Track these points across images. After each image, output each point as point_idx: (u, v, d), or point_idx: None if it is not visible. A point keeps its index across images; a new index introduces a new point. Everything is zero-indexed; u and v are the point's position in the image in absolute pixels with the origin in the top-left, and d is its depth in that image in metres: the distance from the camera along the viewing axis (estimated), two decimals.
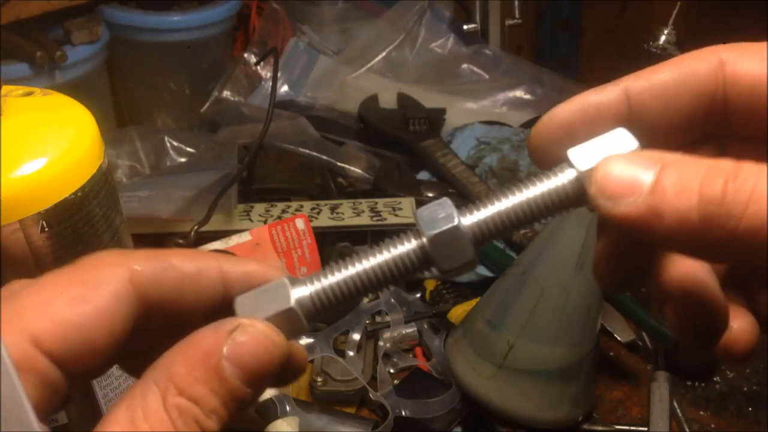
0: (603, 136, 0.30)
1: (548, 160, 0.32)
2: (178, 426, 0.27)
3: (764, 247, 0.25)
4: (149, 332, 0.32)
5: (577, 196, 0.30)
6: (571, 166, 0.30)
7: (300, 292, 0.31)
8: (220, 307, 0.33)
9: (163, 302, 0.32)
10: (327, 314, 0.32)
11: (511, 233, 0.32)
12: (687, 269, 0.32)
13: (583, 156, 0.30)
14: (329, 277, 0.32)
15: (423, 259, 0.31)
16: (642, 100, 0.31)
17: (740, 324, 0.31)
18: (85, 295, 0.29)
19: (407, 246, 0.31)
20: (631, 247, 0.33)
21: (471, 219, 0.31)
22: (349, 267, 0.32)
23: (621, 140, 0.30)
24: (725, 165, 0.26)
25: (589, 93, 0.33)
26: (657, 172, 0.27)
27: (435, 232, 0.31)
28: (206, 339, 0.29)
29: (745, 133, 0.31)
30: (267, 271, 0.33)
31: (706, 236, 0.26)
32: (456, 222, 0.30)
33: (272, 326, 0.30)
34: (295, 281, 0.32)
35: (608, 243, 0.33)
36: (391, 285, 0.32)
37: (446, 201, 0.31)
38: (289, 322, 0.31)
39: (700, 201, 0.25)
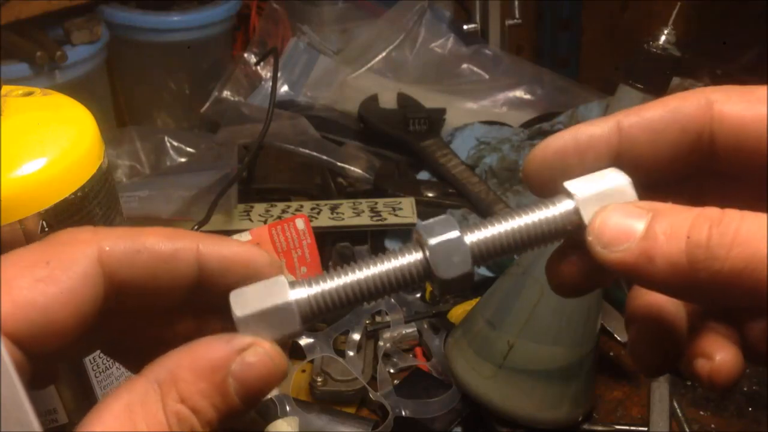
0: (606, 177, 0.32)
1: (542, 186, 0.35)
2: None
3: (748, 287, 0.27)
4: (124, 312, 0.32)
5: (573, 231, 0.32)
6: (572, 201, 0.32)
7: (298, 294, 0.31)
8: (195, 287, 0.32)
9: (134, 283, 0.31)
10: (322, 318, 0.32)
11: (505, 256, 0.33)
12: (652, 299, 0.35)
13: (586, 198, 0.32)
14: (328, 281, 0.32)
15: (423, 269, 0.32)
16: (632, 134, 0.33)
17: (723, 356, 0.33)
18: (51, 276, 0.29)
19: (408, 257, 0.32)
20: (665, 327, 0.35)
21: (471, 238, 0.32)
22: (349, 273, 0.32)
23: (623, 189, 0.32)
24: (711, 211, 0.28)
25: (583, 125, 0.35)
26: (649, 220, 0.29)
27: (437, 240, 0.31)
28: (216, 352, 0.29)
29: (729, 170, 0.33)
30: (248, 253, 0.33)
31: (694, 278, 0.28)
32: (458, 234, 0.32)
33: (279, 349, 0.30)
34: (294, 283, 0.32)
35: (642, 329, 0.35)
36: (388, 295, 0.33)
37: (449, 218, 0.32)
38: (284, 319, 0.31)
39: (688, 245, 0.28)
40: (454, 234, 0.32)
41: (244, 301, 0.31)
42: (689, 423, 0.74)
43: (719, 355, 0.32)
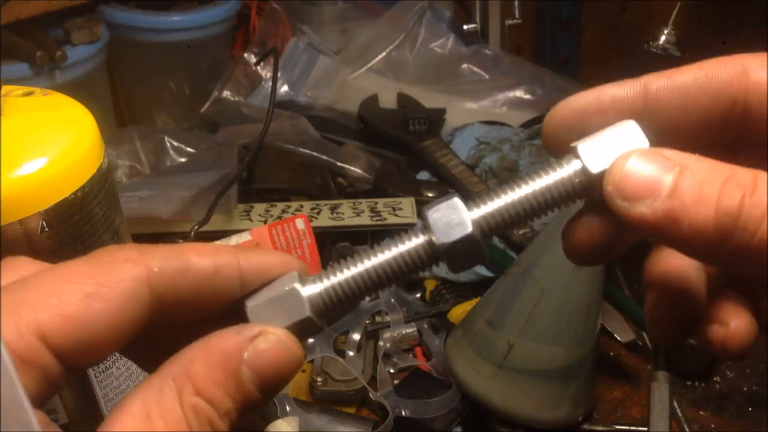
0: (611, 128, 0.30)
1: (560, 146, 0.33)
2: (193, 426, 0.27)
3: None
4: (163, 326, 0.32)
5: (584, 189, 0.31)
6: (577, 158, 0.30)
7: (310, 290, 0.31)
8: (238, 301, 0.32)
9: (179, 302, 0.31)
10: (338, 312, 0.32)
11: (518, 225, 0.32)
12: (672, 264, 0.33)
13: (592, 150, 0.30)
14: (338, 274, 0.32)
15: (432, 256, 0.31)
16: (660, 97, 0.31)
17: (738, 323, 0.32)
18: (99, 293, 0.29)
19: (416, 242, 0.31)
20: (684, 293, 0.33)
21: (479, 213, 0.31)
22: (358, 264, 0.32)
23: (630, 135, 0.30)
24: (744, 176, 0.26)
25: (608, 85, 0.33)
26: (676, 175, 0.27)
27: (450, 241, 0.31)
28: (228, 342, 0.29)
29: (762, 142, 0.31)
30: (284, 261, 0.33)
31: (719, 246, 0.26)
32: (470, 229, 0.31)
33: (292, 336, 0.30)
34: (305, 280, 0.32)
35: (660, 294, 0.34)
36: (399, 282, 0.32)
37: (457, 202, 0.31)
38: (306, 329, 0.31)
39: (717, 212, 0.26)
40: (452, 200, 0.31)
41: (262, 316, 0.31)
42: (689, 423, 0.74)
43: (734, 322, 0.32)
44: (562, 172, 0.31)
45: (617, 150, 0.30)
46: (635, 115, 0.31)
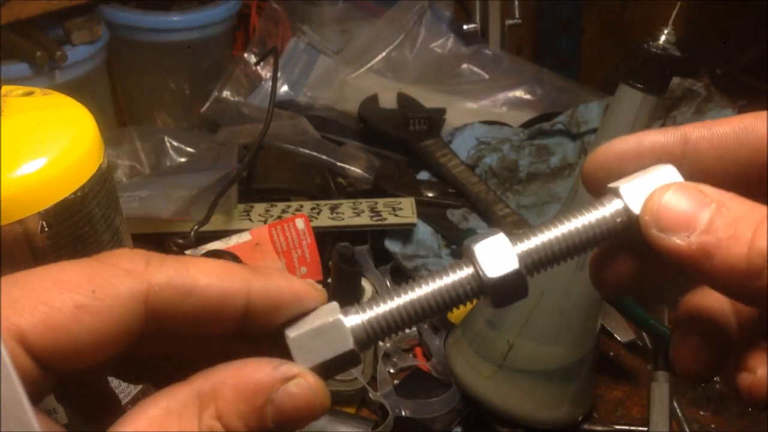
0: (651, 170, 0.31)
1: (599, 187, 0.34)
2: None
3: None
4: (162, 339, 0.32)
5: (625, 230, 0.31)
6: (619, 197, 0.31)
7: (353, 322, 0.31)
8: (240, 324, 0.32)
9: (176, 322, 0.31)
10: (378, 343, 0.32)
11: (557, 263, 0.33)
12: (703, 304, 0.34)
13: (633, 190, 0.31)
14: (381, 305, 0.31)
15: (477, 291, 0.32)
16: (699, 147, 0.32)
17: (765, 372, 0.32)
18: (91, 306, 0.28)
19: (461, 276, 0.31)
20: (713, 333, 0.34)
21: (523, 248, 0.32)
22: (402, 295, 0.32)
23: (669, 178, 0.31)
24: None
25: (649, 131, 0.34)
26: (712, 212, 0.28)
27: (497, 276, 0.31)
28: (258, 374, 0.29)
29: None
30: (298, 291, 0.32)
31: (750, 284, 0.27)
32: (517, 265, 0.31)
33: (323, 385, 0.30)
34: (347, 311, 0.31)
35: (689, 332, 0.35)
36: (441, 315, 0.32)
37: (502, 237, 0.31)
38: (348, 361, 0.31)
39: (749, 251, 0.27)
40: (498, 234, 0.31)
41: (304, 348, 0.31)
42: (689, 423, 0.74)
43: (761, 370, 0.32)
44: (604, 211, 0.32)
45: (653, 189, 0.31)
46: (674, 161, 0.32)
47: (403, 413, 0.72)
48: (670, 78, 0.67)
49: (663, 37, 0.89)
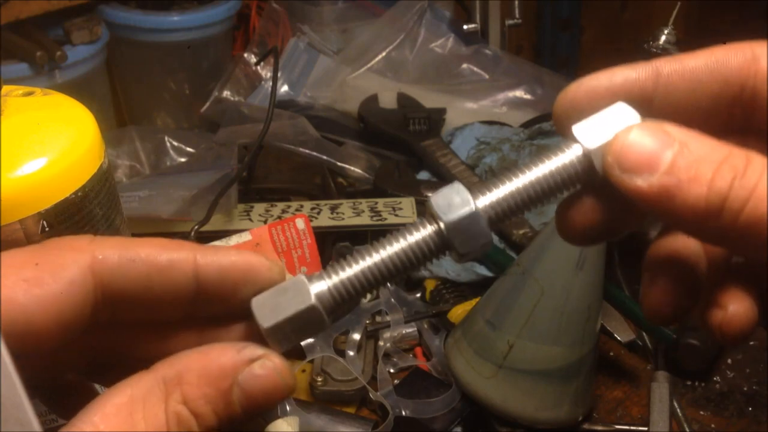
0: (604, 111, 0.31)
1: (570, 127, 0.33)
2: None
3: (760, 242, 0.27)
4: (119, 326, 0.32)
5: (585, 172, 0.31)
6: (577, 142, 0.31)
7: (318, 287, 0.31)
8: (193, 299, 0.32)
9: (129, 294, 0.31)
10: (345, 307, 0.32)
11: (521, 213, 0.32)
12: (672, 247, 0.34)
13: (590, 132, 0.31)
14: (347, 269, 0.31)
15: (440, 244, 0.31)
16: (671, 81, 0.32)
17: (736, 307, 0.32)
18: (37, 278, 0.28)
19: (424, 232, 0.31)
20: (680, 274, 0.34)
21: (484, 201, 0.31)
22: (366, 257, 0.31)
23: (624, 115, 0.31)
24: (738, 159, 0.28)
25: (621, 67, 0.33)
26: (675, 152, 0.28)
27: (453, 218, 0.31)
28: (223, 358, 0.29)
29: None
30: (246, 260, 0.32)
31: (709, 224, 0.28)
32: (473, 207, 0.31)
33: (289, 366, 0.30)
34: (311, 277, 0.31)
35: (657, 274, 0.34)
36: (407, 273, 0.32)
37: (459, 185, 0.31)
38: (311, 320, 0.31)
39: (708, 192, 0.27)
40: (454, 184, 0.31)
41: (268, 310, 0.31)
42: (689, 423, 0.74)
43: (732, 306, 0.32)
44: (564, 158, 0.31)
45: (613, 129, 0.30)
46: (645, 96, 0.32)
47: (403, 413, 0.72)
48: None
49: (663, 37, 0.89)
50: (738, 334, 0.32)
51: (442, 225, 0.31)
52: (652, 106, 0.32)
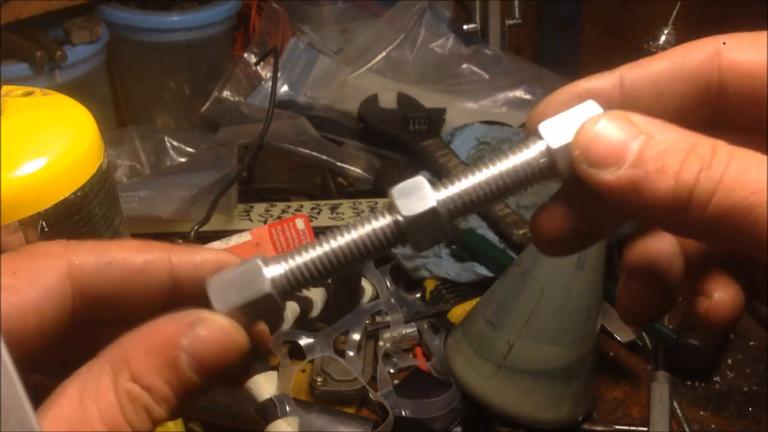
0: (572, 109, 0.31)
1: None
2: (126, 411, 0.27)
3: (729, 234, 0.27)
4: (93, 324, 0.32)
5: (549, 169, 0.31)
6: (540, 138, 0.31)
7: (274, 271, 0.31)
8: (169, 299, 0.32)
9: (106, 297, 0.31)
10: (299, 291, 0.32)
11: (484, 207, 0.32)
12: (646, 248, 0.34)
13: (554, 129, 0.31)
14: (303, 254, 0.32)
15: (398, 235, 0.31)
16: (636, 88, 0.32)
17: (721, 295, 0.32)
18: (15, 286, 0.28)
19: (382, 222, 0.31)
20: (653, 276, 0.34)
21: (445, 194, 0.31)
22: (324, 244, 0.32)
23: (590, 111, 0.31)
24: (704, 149, 0.27)
25: (585, 79, 0.33)
26: (641, 144, 0.28)
27: (412, 214, 0.31)
28: (166, 328, 0.29)
29: (741, 122, 0.31)
30: (220, 259, 0.33)
31: (678, 217, 0.27)
32: (433, 204, 0.31)
33: (233, 322, 0.30)
34: (268, 260, 0.31)
35: (630, 276, 0.35)
36: (364, 261, 0.32)
37: (421, 179, 0.31)
38: (265, 303, 0.31)
39: (676, 184, 0.27)
40: (416, 177, 0.31)
41: (222, 291, 0.31)
42: (689, 423, 0.74)
43: (717, 293, 0.32)
44: (528, 153, 0.31)
45: (577, 123, 0.30)
46: (613, 107, 0.31)
47: (403, 413, 0.72)
48: None
49: (663, 37, 0.89)
50: (724, 321, 0.32)
51: (400, 218, 0.31)
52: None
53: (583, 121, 0.30)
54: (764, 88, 0.30)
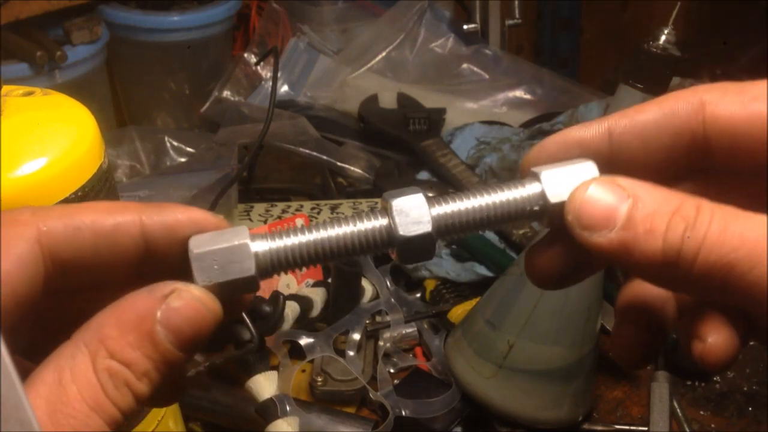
0: (573, 165, 0.32)
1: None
2: (107, 388, 0.27)
3: (716, 288, 0.28)
4: (69, 291, 0.32)
5: (541, 212, 0.32)
6: (539, 183, 0.32)
7: (260, 248, 0.31)
8: (143, 259, 0.32)
9: (78, 261, 0.30)
10: (279, 272, 0.32)
11: (470, 233, 0.33)
12: (639, 293, 0.36)
13: (553, 181, 0.32)
14: (291, 237, 0.31)
15: (388, 245, 0.32)
16: (624, 140, 0.33)
17: (715, 338, 0.33)
18: None
19: (375, 225, 0.32)
20: (646, 321, 0.36)
21: (439, 212, 0.32)
22: (314, 232, 0.32)
23: (586, 173, 0.32)
24: (689, 209, 0.29)
25: (575, 128, 0.35)
26: (630, 206, 0.29)
27: (408, 235, 0.31)
28: (140, 303, 0.29)
29: (727, 166, 0.33)
30: (193, 217, 0.32)
31: (668, 273, 0.29)
32: (429, 228, 0.31)
33: (207, 292, 0.30)
34: (255, 237, 0.31)
35: (624, 321, 0.36)
36: (346, 258, 0.32)
37: (421, 198, 0.32)
38: (247, 283, 0.31)
39: (664, 244, 0.29)
40: (417, 195, 0.32)
41: (204, 252, 0.30)
42: (689, 423, 0.74)
43: (711, 337, 0.33)
44: (523, 192, 0.32)
45: (571, 182, 0.32)
46: (602, 155, 0.33)
47: (403, 413, 0.72)
48: (670, 78, 0.67)
49: (663, 37, 0.89)
50: (720, 364, 0.33)
51: (396, 235, 0.31)
52: (611, 162, 0.33)
53: (576, 179, 0.31)
54: (746, 140, 0.31)
